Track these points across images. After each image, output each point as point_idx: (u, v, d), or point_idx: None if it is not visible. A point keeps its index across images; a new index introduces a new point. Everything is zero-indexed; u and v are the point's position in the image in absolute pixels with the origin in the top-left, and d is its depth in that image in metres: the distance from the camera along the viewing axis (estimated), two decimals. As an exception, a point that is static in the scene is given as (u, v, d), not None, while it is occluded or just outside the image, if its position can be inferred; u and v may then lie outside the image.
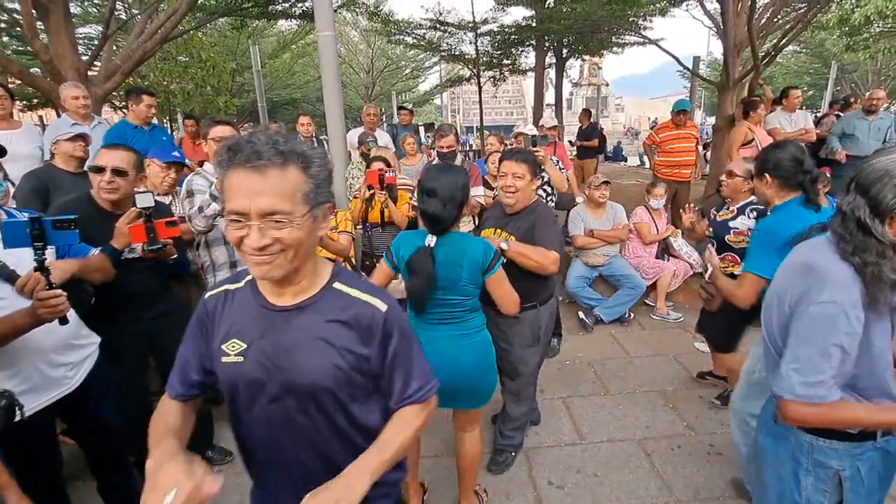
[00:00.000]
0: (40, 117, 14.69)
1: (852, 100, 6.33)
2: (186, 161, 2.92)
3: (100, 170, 1.90)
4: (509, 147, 3.16)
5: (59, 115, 4.73)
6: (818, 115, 8.23)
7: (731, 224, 2.61)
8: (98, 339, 1.79)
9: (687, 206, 2.98)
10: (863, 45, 11.64)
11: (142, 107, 3.78)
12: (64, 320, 1.43)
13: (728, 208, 2.69)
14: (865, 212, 1.06)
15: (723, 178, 2.66)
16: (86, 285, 1.71)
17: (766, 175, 1.90)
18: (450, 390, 1.80)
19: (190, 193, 2.36)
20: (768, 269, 1.71)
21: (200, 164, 5.19)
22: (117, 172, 1.92)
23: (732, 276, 2.49)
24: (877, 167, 1.06)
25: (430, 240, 1.69)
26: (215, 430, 2.60)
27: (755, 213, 2.55)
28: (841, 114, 5.97)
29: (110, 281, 1.82)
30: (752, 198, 2.58)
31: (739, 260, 2.51)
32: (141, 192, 1.89)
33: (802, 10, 6.63)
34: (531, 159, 2.09)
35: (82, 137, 2.82)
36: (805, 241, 1.24)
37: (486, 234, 2.18)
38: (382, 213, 3.24)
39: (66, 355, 1.62)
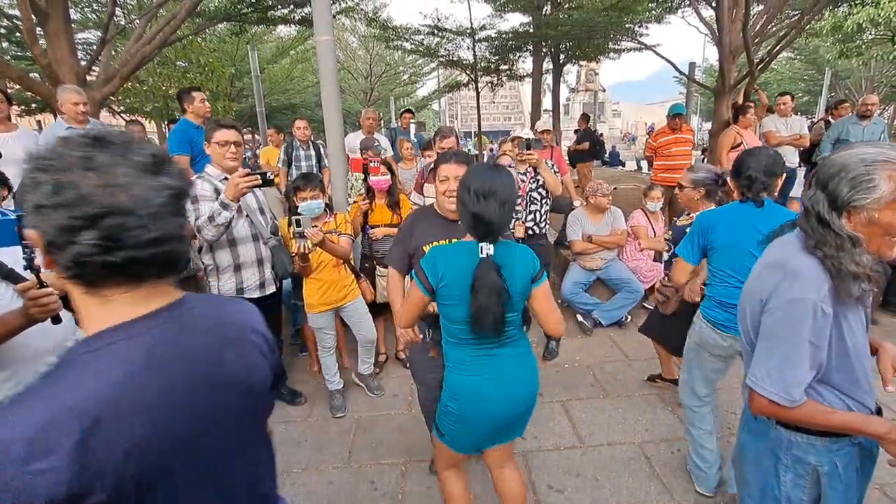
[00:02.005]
0: (38, 122, 14.68)
1: (831, 105, 6.38)
2: None
3: None
4: (448, 150, 2.97)
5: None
6: (813, 120, 8.29)
7: (688, 230, 2.68)
8: None
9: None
10: (856, 52, 11.81)
11: (196, 104, 3.87)
12: (57, 319, 1.42)
13: (688, 214, 2.82)
14: (824, 206, 1.08)
15: (677, 191, 2.74)
16: None
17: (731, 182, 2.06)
18: (504, 424, 1.63)
19: (194, 199, 2.33)
20: (688, 254, 2.09)
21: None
22: None
23: None
24: (836, 162, 1.08)
25: (487, 248, 1.45)
26: None
27: None
28: (831, 119, 6.02)
29: None
30: (712, 206, 2.65)
31: None
32: None
33: (796, 18, 6.71)
34: (470, 160, 1.96)
35: None
36: (777, 239, 1.26)
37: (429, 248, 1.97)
38: (366, 215, 3.23)
39: None
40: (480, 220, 1.45)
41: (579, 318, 3.97)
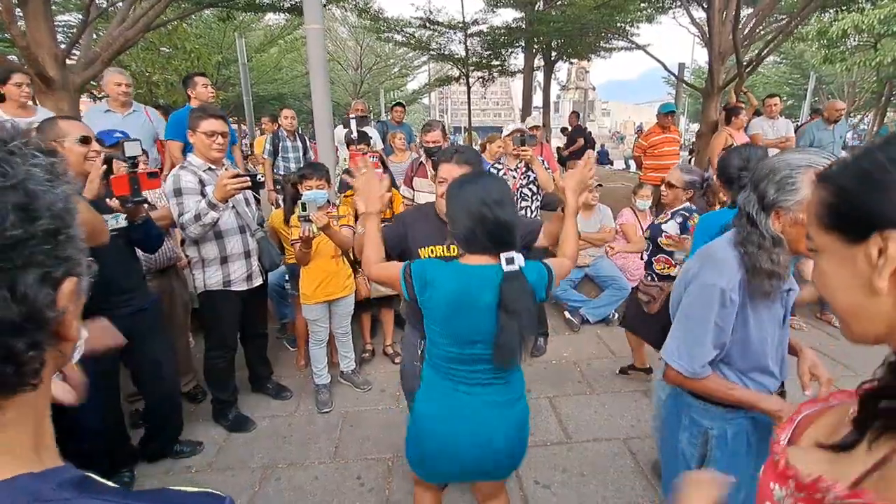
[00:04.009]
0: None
1: (823, 109, 6.58)
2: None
3: (86, 140, 1.86)
4: (449, 146, 2.66)
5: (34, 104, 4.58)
6: (798, 123, 8.46)
7: (664, 227, 2.76)
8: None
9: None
10: (839, 58, 12.04)
11: (199, 89, 3.79)
12: None
13: (665, 212, 2.85)
14: (754, 206, 1.17)
15: (663, 188, 2.76)
16: None
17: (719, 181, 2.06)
18: (473, 469, 1.45)
19: (178, 192, 2.26)
20: None
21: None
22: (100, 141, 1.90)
23: (669, 277, 2.68)
24: (767, 165, 1.17)
25: (518, 259, 1.27)
26: (188, 426, 2.59)
27: (680, 219, 2.71)
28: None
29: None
30: (686, 203, 2.75)
31: (672, 261, 2.73)
32: (129, 140, 1.87)
33: (784, 21, 6.81)
34: (475, 159, 1.76)
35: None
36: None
37: (425, 253, 1.80)
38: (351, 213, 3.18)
39: None
40: (503, 228, 1.29)
41: (567, 314, 4.00)
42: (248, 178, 2.15)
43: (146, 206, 2.03)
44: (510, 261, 1.27)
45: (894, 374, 0.49)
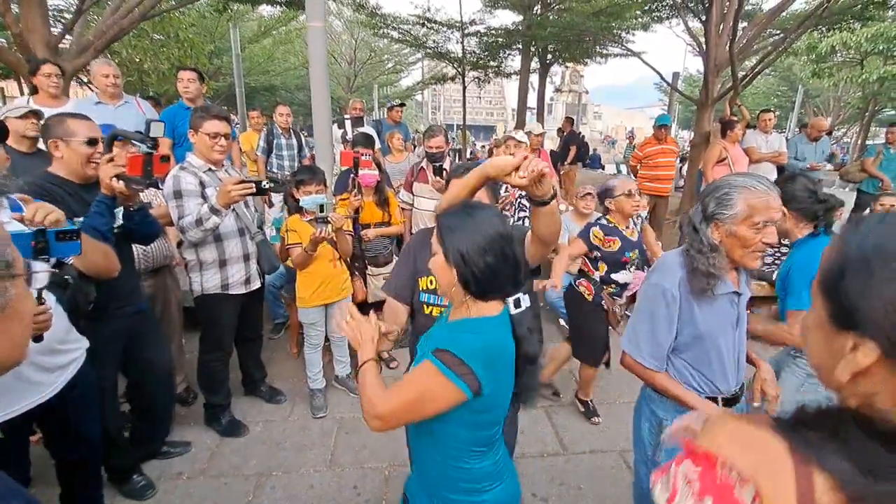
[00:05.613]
0: (1, 89, 13.84)
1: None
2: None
3: (93, 142, 1.81)
4: (458, 164, 2.43)
5: (21, 91, 4.46)
6: (788, 137, 8.62)
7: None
8: (86, 344, 1.68)
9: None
10: (827, 73, 12.33)
11: (180, 87, 3.78)
12: (38, 339, 1.31)
13: (628, 228, 2.81)
14: (698, 217, 1.33)
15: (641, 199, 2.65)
16: (88, 288, 1.59)
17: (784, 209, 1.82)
18: None
19: (178, 194, 2.20)
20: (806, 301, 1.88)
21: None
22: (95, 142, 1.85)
23: None
24: (714, 184, 1.33)
25: (524, 300, 1.11)
26: (180, 430, 2.58)
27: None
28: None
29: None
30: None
31: None
32: (155, 120, 1.84)
33: (779, 36, 6.93)
34: (492, 187, 1.56)
35: (34, 114, 2.65)
36: None
37: (424, 283, 1.66)
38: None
39: (48, 359, 1.51)
40: (519, 268, 1.12)
41: (562, 322, 4.01)
42: (253, 184, 2.12)
43: (150, 188, 2.01)
44: (518, 303, 1.10)
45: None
